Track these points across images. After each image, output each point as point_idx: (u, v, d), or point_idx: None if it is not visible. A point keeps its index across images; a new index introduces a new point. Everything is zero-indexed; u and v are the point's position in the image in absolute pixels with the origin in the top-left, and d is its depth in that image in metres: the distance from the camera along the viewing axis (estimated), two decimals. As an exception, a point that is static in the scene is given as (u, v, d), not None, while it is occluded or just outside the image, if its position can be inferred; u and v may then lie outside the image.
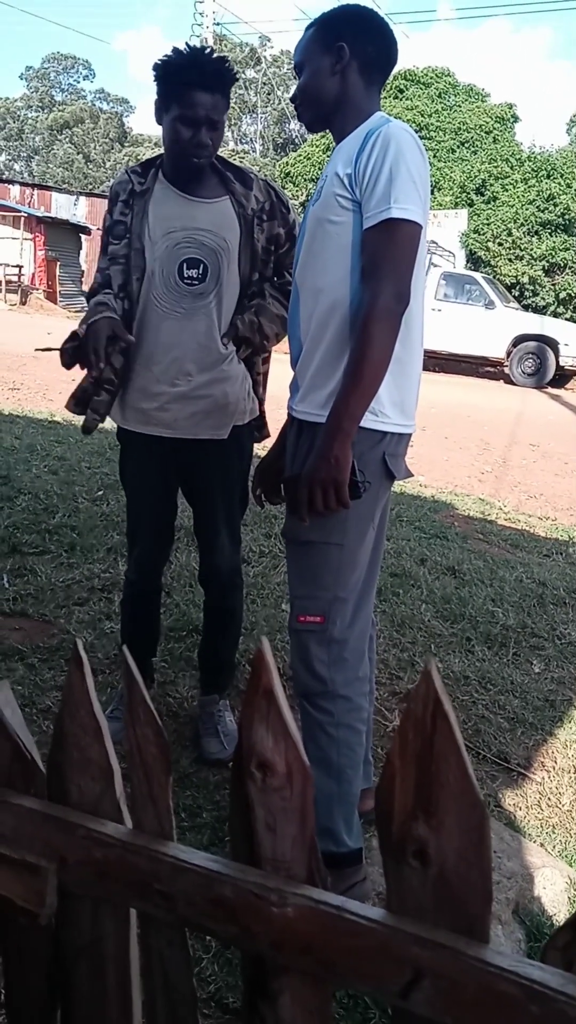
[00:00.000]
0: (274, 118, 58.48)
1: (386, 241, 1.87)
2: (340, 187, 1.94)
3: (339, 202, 1.94)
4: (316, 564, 2.05)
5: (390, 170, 1.86)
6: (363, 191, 1.89)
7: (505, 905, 2.20)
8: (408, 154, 1.89)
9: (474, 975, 0.81)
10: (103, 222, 2.59)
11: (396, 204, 1.85)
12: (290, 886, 0.91)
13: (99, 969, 1.06)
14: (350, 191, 1.92)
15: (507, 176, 22.79)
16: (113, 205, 2.51)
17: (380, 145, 1.88)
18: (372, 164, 1.88)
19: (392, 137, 1.89)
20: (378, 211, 1.86)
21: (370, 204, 1.88)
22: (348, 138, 2.01)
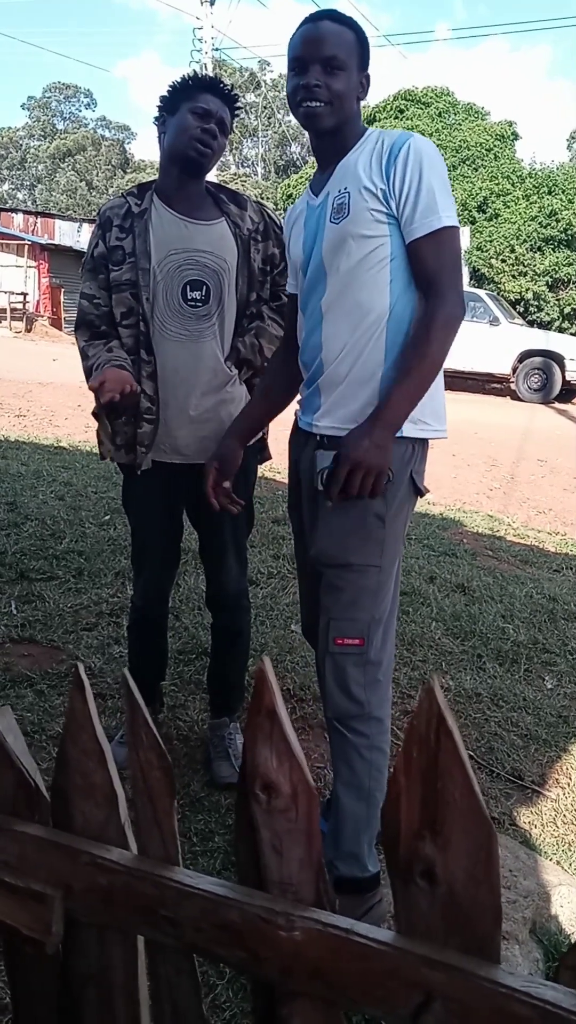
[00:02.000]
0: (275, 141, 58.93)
1: (441, 249, 1.93)
2: (374, 201, 1.94)
3: (373, 216, 1.94)
4: (355, 587, 2.04)
5: (430, 181, 1.90)
6: (403, 203, 1.92)
7: (522, 924, 2.17)
8: (440, 165, 1.95)
9: (486, 996, 0.80)
10: (90, 247, 2.52)
11: (443, 213, 1.91)
12: (298, 909, 0.89)
13: (107, 998, 1.04)
14: (385, 205, 1.93)
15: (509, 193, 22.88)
16: (106, 231, 2.47)
17: (413, 158, 1.91)
18: (409, 176, 1.90)
19: (423, 149, 1.93)
20: (426, 221, 1.90)
21: (415, 215, 1.91)
22: (357, 153, 2.01)
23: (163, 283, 2.43)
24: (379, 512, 2.00)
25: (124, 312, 2.45)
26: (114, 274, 2.44)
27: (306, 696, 3.25)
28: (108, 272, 2.44)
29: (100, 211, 2.52)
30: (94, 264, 2.48)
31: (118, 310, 2.46)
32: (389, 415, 1.92)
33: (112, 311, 2.47)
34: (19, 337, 22.90)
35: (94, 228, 2.53)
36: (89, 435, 8.36)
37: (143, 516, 2.70)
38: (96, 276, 2.48)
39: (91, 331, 2.50)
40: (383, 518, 2.01)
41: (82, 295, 2.52)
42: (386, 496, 1.99)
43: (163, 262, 2.42)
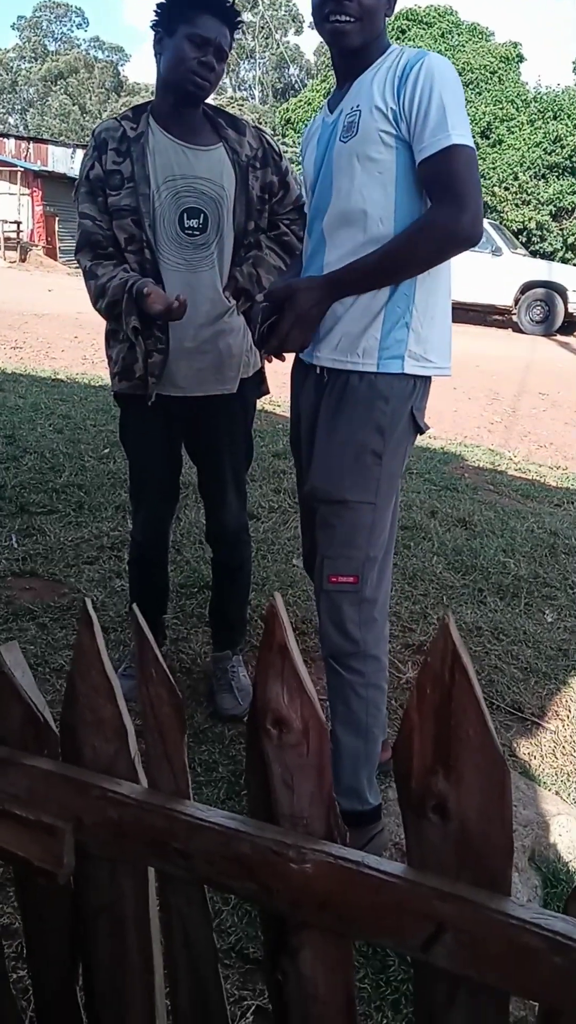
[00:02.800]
0: (273, 63, 57.35)
1: (453, 167, 1.82)
2: (383, 121, 1.86)
3: (382, 138, 1.87)
4: (350, 524, 2.02)
5: (440, 98, 1.81)
6: (413, 123, 1.84)
7: (521, 852, 2.21)
8: (453, 84, 1.86)
9: (496, 928, 0.80)
10: (84, 169, 2.40)
11: (455, 131, 1.81)
12: (309, 842, 0.90)
13: (119, 928, 1.06)
14: (395, 126, 1.86)
15: (513, 118, 22.32)
16: (102, 153, 2.35)
17: (425, 76, 1.82)
18: (420, 95, 1.82)
19: (436, 68, 1.84)
20: (435, 140, 1.81)
21: (425, 134, 1.82)
22: (374, 70, 1.93)
23: (160, 210, 2.35)
24: (376, 448, 1.98)
25: (126, 239, 2.36)
26: (112, 199, 2.35)
27: (308, 630, 3.27)
28: (106, 196, 2.35)
29: (94, 132, 2.40)
30: (90, 186, 2.38)
31: (120, 236, 2.37)
32: (337, 284, 1.93)
33: (115, 236, 2.38)
34: (13, 267, 22.55)
35: (87, 149, 2.42)
36: (87, 367, 8.29)
37: (142, 450, 2.66)
38: (95, 199, 2.38)
39: (96, 251, 2.40)
40: (380, 454, 1.99)
41: (83, 215, 2.40)
42: (385, 432, 1.97)
43: (161, 188, 2.35)
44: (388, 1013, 1.76)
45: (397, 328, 1.94)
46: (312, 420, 2.10)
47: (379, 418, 1.96)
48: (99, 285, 2.34)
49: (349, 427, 1.98)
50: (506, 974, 0.81)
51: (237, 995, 1.77)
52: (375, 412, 1.96)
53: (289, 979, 0.97)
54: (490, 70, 23.33)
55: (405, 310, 1.94)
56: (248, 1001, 1.76)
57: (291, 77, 56.47)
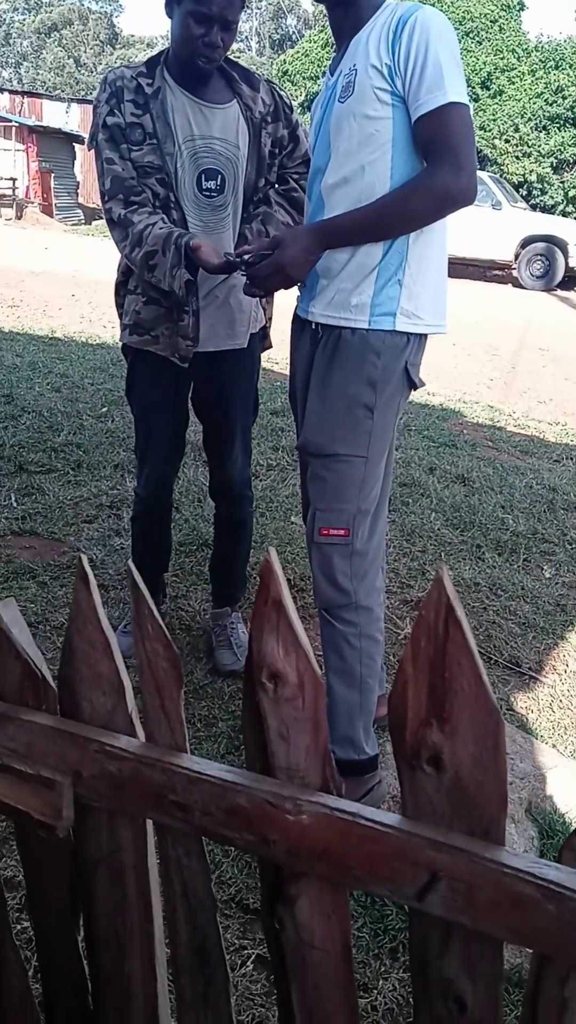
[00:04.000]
0: (270, 13, 56.23)
1: (447, 126, 1.79)
2: (379, 79, 1.83)
3: (378, 95, 1.84)
4: (341, 477, 2.03)
5: (436, 55, 1.77)
6: (408, 80, 1.80)
7: (518, 804, 2.24)
8: (449, 39, 1.82)
9: (490, 877, 0.81)
10: (101, 115, 2.27)
11: (450, 88, 1.78)
12: (305, 794, 0.91)
13: (119, 878, 1.07)
14: (390, 83, 1.82)
15: (514, 68, 21.93)
16: (120, 101, 2.25)
17: (420, 30, 1.78)
18: (415, 51, 1.78)
19: (431, 22, 1.80)
20: (431, 97, 1.78)
21: (421, 91, 1.79)
22: (370, 27, 1.89)
23: (181, 171, 2.30)
24: (367, 402, 1.98)
25: (151, 196, 2.30)
26: (135, 154, 2.27)
27: (306, 586, 3.28)
28: (128, 147, 2.27)
29: (107, 80, 2.29)
30: (111, 133, 2.26)
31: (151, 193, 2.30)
32: (328, 233, 1.92)
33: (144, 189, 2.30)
34: (10, 224, 22.28)
35: (101, 95, 2.29)
36: (84, 326, 8.24)
37: (150, 405, 2.62)
38: (118, 145, 2.27)
39: (129, 198, 2.28)
40: (371, 408, 1.99)
41: (108, 161, 2.28)
42: (377, 386, 1.96)
43: (182, 148, 2.29)
44: (386, 961, 1.80)
45: (390, 285, 1.93)
46: (306, 375, 2.10)
47: (371, 372, 1.96)
48: (136, 233, 2.23)
49: (341, 381, 1.98)
50: (500, 922, 0.82)
51: (237, 944, 1.80)
52: (367, 366, 1.96)
53: (286, 927, 0.98)
54: (490, 19, 22.88)
55: (398, 267, 1.93)
56: (248, 950, 1.79)
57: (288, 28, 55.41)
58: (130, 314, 2.48)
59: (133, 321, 2.47)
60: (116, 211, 2.29)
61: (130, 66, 2.34)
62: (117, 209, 2.29)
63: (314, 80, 23.80)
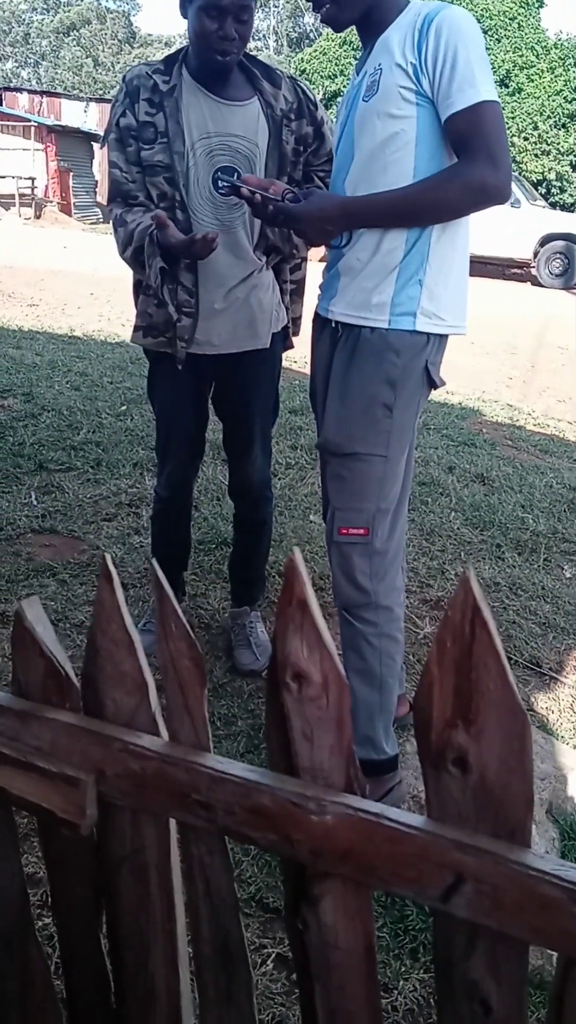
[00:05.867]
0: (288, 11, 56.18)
1: (481, 122, 1.79)
2: (403, 78, 1.83)
3: (402, 94, 1.84)
4: (360, 476, 2.03)
5: (466, 53, 1.77)
6: (437, 79, 1.80)
7: (539, 805, 2.23)
8: (476, 37, 1.82)
9: (516, 879, 0.81)
10: (114, 116, 2.30)
11: (483, 87, 1.78)
12: (329, 794, 0.90)
13: (142, 877, 1.07)
14: (415, 82, 1.82)
15: (533, 65, 21.82)
16: (134, 101, 2.26)
17: (448, 30, 1.78)
18: (443, 50, 1.78)
19: (458, 21, 1.80)
20: (463, 95, 1.78)
21: (452, 89, 1.78)
22: (395, 27, 1.89)
23: (194, 169, 2.29)
24: (386, 401, 1.98)
25: (158, 195, 2.31)
26: (145, 153, 2.28)
27: (326, 585, 3.27)
28: (138, 147, 2.28)
29: (125, 79, 2.31)
30: (121, 134, 2.29)
31: (152, 192, 2.31)
32: (356, 209, 1.92)
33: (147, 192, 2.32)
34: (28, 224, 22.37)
35: (118, 95, 2.32)
36: (103, 324, 8.26)
37: (170, 405, 2.63)
38: (124, 147, 2.30)
39: (127, 201, 2.34)
40: (390, 407, 1.98)
41: (112, 164, 2.34)
42: (396, 385, 1.96)
43: (196, 146, 2.28)
44: (406, 961, 1.79)
45: (410, 285, 1.93)
46: (326, 374, 2.10)
47: (390, 371, 1.96)
48: (127, 232, 2.27)
49: (360, 380, 1.98)
50: (525, 924, 0.82)
51: (258, 943, 1.80)
52: (386, 365, 1.96)
53: (310, 928, 0.98)
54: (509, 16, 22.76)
55: (419, 267, 1.93)
56: (268, 949, 1.79)
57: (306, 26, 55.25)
58: (142, 315, 2.49)
59: (146, 323, 2.48)
60: (115, 212, 2.34)
61: (149, 64, 2.34)
62: (116, 211, 2.34)
63: (332, 79, 23.72)
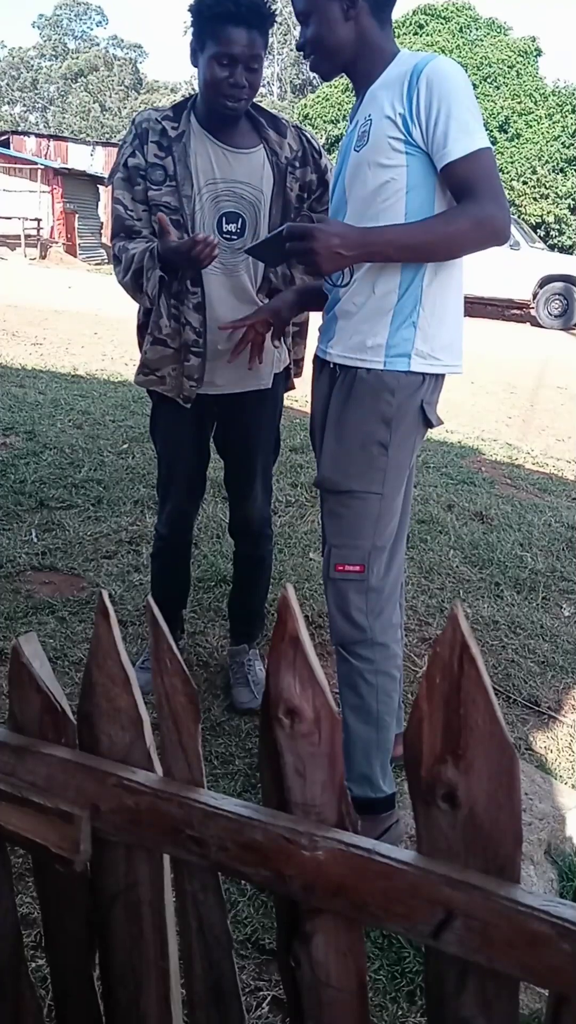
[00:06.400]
0: (291, 59, 57.29)
1: (479, 167, 1.84)
2: (393, 128, 1.87)
3: (392, 144, 1.88)
4: (356, 513, 2.05)
5: (459, 104, 1.82)
6: (429, 129, 1.84)
7: (537, 846, 2.21)
8: (465, 87, 1.87)
9: (505, 915, 0.81)
10: (123, 155, 2.36)
11: (477, 135, 1.83)
12: (320, 830, 0.91)
13: (135, 914, 1.08)
14: (404, 132, 1.87)
15: (531, 112, 22.22)
16: (144, 143, 2.31)
17: (438, 81, 1.83)
18: (435, 101, 1.82)
19: (447, 72, 1.85)
20: (458, 144, 1.82)
21: (448, 140, 1.82)
22: (384, 79, 1.94)
23: (200, 213, 2.34)
24: (382, 440, 2.00)
25: None
26: (153, 193, 2.32)
27: (325, 623, 3.27)
28: (146, 187, 2.33)
29: (135, 121, 2.36)
30: (129, 173, 2.34)
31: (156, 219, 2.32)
32: (373, 238, 1.88)
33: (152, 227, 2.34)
34: (34, 264, 22.63)
35: (127, 136, 2.37)
36: (106, 363, 8.33)
37: (173, 444, 2.64)
38: (131, 186, 2.35)
39: (130, 236, 2.37)
40: (386, 446, 2.01)
41: (116, 200, 2.37)
42: (391, 424, 1.99)
43: (202, 191, 2.33)
44: (403, 1004, 1.78)
45: (404, 328, 1.97)
46: (324, 412, 2.13)
47: (385, 410, 1.99)
48: (128, 257, 2.32)
49: (356, 418, 2.01)
50: (515, 960, 0.82)
51: (253, 985, 1.79)
52: (381, 404, 1.99)
53: (302, 965, 0.98)
54: (508, 64, 23.23)
55: (412, 310, 1.96)
56: (264, 991, 1.78)
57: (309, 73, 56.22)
58: (142, 355, 2.53)
59: (142, 362, 2.52)
60: (116, 245, 2.39)
61: (158, 109, 2.39)
62: (118, 243, 2.39)
63: (334, 123, 24.18)
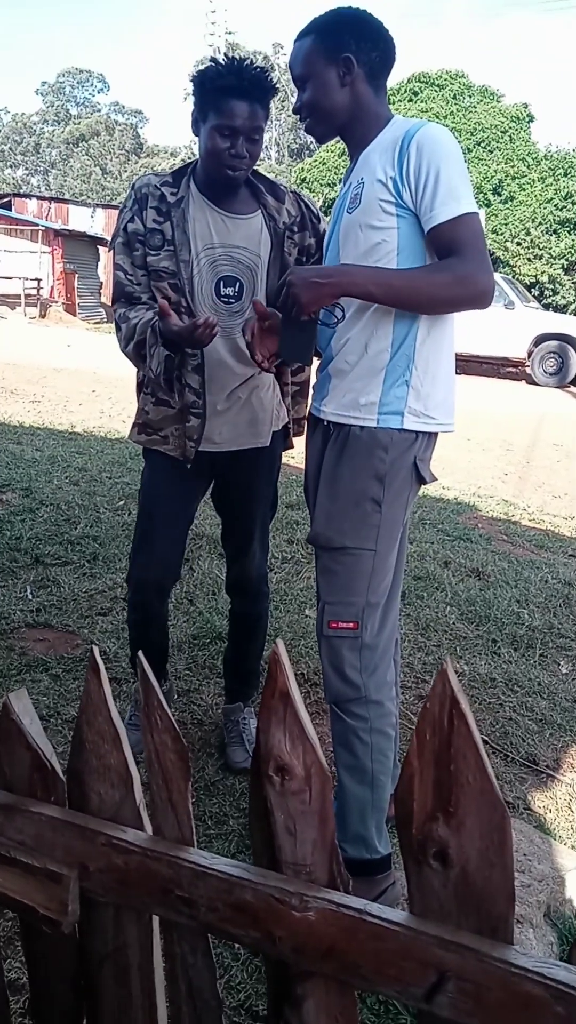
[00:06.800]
0: (289, 124, 58.71)
1: (465, 231, 1.88)
2: (384, 191, 1.92)
3: (382, 207, 1.93)
4: (350, 570, 2.05)
5: (448, 169, 1.87)
6: (419, 193, 1.88)
7: (536, 908, 2.17)
8: (455, 152, 1.91)
9: (499, 977, 0.80)
10: (123, 220, 2.37)
11: (464, 200, 1.87)
12: (311, 890, 0.90)
13: (123, 976, 1.06)
14: (395, 195, 1.91)
15: (524, 175, 22.72)
16: (143, 208, 2.33)
17: (428, 146, 1.88)
18: (425, 166, 1.87)
19: (438, 138, 1.90)
20: (446, 208, 1.86)
21: (435, 203, 1.87)
22: (377, 143, 2.00)
23: (198, 277, 2.36)
24: (375, 496, 2.02)
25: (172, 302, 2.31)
26: (152, 258, 2.34)
27: (320, 680, 3.25)
28: (145, 252, 2.34)
29: (135, 187, 2.38)
30: (128, 238, 2.36)
31: (157, 295, 2.34)
32: (348, 276, 1.92)
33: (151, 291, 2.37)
34: (34, 323, 22.90)
35: (127, 202, 2.39)
36: (104, 420, 8.38)
37: (166, 504, 2.60)
38: (130, 251, 2.36)
39: (131, 301, 2.39)
40: (379, 502, 2.02)
41: (117, 266, 2.38)
42: (384, 480, 2.00)
43: (200, 255, 2.36)
44: (400, 1072, 1.73)
45: (397, 386, 2.00)
46: (318, 469, 2.14)
47: (378, 467, 2.00)
48: (130, 327, 2.33)
49: (349, 475, 2.03)
50: (509, 1023, 0.81)
51: (246, 1052, 1.74)
52: (374, 461, 2.00)
53: (293, 1031, 0.96)
54: (501, 130, 23.81)
55: (405, 369, 1.99)
56: (257, 1059, 1.73)
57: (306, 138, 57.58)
58: (141, 413, 2.53)
59: (143, 420, 2.52)
60: (119, 311, 2.40)
61: (158, 174, 2.42)
62: (120, 310, 2.40)
63: (331, 187, 24.73)
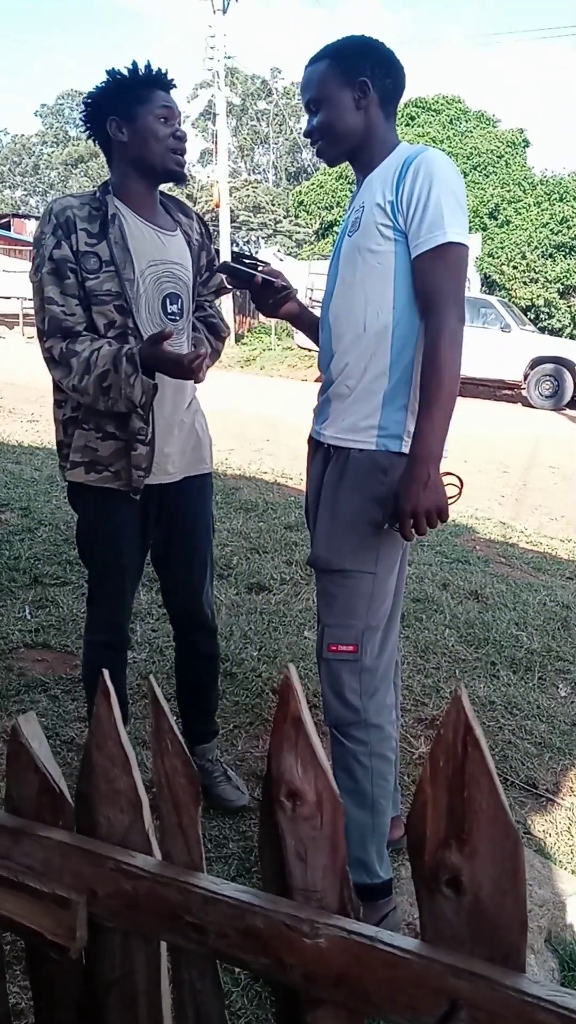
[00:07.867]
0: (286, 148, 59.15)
1: (442, 266, 1.90)
2: (382, 216, 1.95)
3: (380, 231, 1.96)
4: (349, 593, 2.06)
5: (438, 196, 1.89)
6: (409, 218, 1.91)
7: (537, 933, 2.17)
8: (452, 179, 1.93)
9: (512, 1005, 0.80)
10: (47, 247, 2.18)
11: (449, 229, 1.89)
12: (322, 916, 0.90)
13: (131, 1003, 1.05)
14: (392, 219, 1.94)
15: (520, 200, 22.88)
16: (68, 233, 2.16)
17: (424, 172, 1.90)
18: (417, 191, 1.90)
19: (434, 164, 1.92)
20: (431, 236, 1.89)
21: (421, 230, 1.90)
22: (381, 168, 2.02)
23: (145, 296, 2.27)
24: (375, 519, 2.02)
25: (106, 324, 2.21)
26: (91, 282, 2.18)
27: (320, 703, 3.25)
28: (78, 278, 2.18)
29: (53, 211, 2.20)
30: (56, 266, 2.17)
31: (99, 321, 2.21)
32: (424, 451, 1.90)
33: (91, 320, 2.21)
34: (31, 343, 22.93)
35: (46, 228, 2.20)
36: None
37: (117, 547, 2.41)
38: (61, 281, 2.17)
39: (67, 337, 2.19)
40: (379, 525, 2.03)
41: (48, 300, 2.18)
42: (383, 503, 2.01)
43: (145, 273, 2.27)
44: None
45: (396, 411, 2.02)
46: (318, 492, 2.15)
47: (378, 489, 2.01)
48: (83, 360, 2.14)
49: (349, 498, 2.03)
50: (522, 1053, 0.80)
51: (248, 1080, 1.73)
52: (374, 484, 2.01)
53: (302, 1059, 0.95)
54: (497, 155, 24.01)
55: (404, 393, 2.01)
56: None
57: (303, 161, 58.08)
58: (81, 451, 2.30)
59: (89, 459, 2.30)
60: (56, 348, 2.19)
61: (76, 195, 2.27)
62: (57, 346, 2.19)
63: (328, 210, 24.90)
